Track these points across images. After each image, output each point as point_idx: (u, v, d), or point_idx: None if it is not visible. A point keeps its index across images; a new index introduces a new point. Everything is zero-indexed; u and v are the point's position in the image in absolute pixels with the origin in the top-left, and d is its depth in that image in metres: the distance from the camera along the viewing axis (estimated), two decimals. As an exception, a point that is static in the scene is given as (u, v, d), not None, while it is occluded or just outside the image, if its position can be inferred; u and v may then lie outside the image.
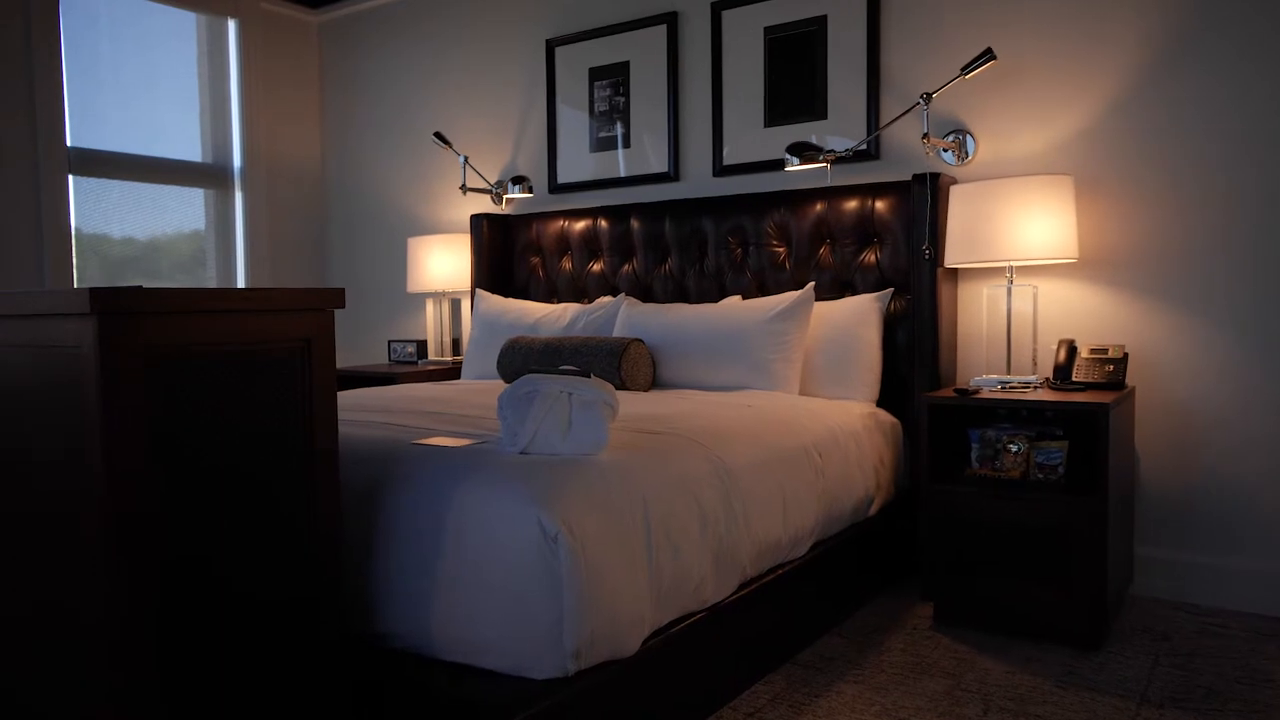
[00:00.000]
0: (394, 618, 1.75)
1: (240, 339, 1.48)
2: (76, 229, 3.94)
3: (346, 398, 2.80)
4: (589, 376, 1.93)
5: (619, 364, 2.96)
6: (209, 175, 4.46)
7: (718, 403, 2.65)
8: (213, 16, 4.43)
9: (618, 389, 2.96)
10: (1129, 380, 2.77)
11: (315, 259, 4.90)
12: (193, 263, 4.46)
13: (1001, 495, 2.50)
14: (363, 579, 1.78)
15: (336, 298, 1.62)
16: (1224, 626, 2.55)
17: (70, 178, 3.89)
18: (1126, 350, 2.70)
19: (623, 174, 3.82)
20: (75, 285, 3.92)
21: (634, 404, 2.57)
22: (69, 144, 3.87)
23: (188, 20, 4.39)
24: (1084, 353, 2.72)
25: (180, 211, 4.38)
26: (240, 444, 1.47)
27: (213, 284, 4.52)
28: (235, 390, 1.47)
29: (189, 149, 4.41)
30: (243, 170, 4.54)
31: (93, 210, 4.03)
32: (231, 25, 4.49)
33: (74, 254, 3.91)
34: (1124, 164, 2.81)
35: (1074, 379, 2.68)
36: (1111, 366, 2.66)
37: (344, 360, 4.84)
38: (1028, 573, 2.47)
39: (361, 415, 2.39)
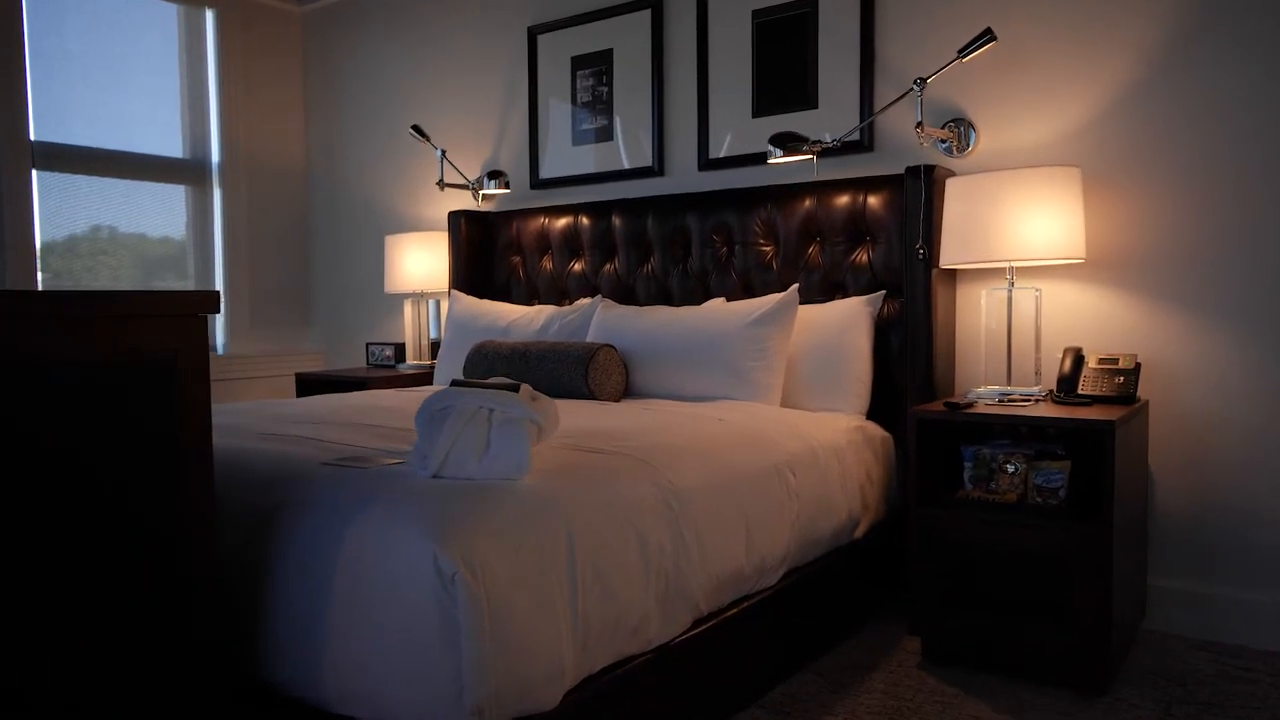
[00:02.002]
0: (285, 664, 1.55)
1: (88, 350, 1.29)
2: (42, 227, 3.79)
3: (278, 405, 2.61)
4: (518, 389, 1.72)
5: (586, 371, 2.75)
6: (187, 172, 4.31)
7: (686, 415, 2.43)
8: (190, 7, 4.28)
9: (585, 399, 2.75)
10: (1141, 393, 2.51)
11: (296, 258, 4.73)
12: (169, 263, 4.31)
13: (996, 520, 2.26)
14: (253, 619, 1.58)
15: (208, 302, 1.42)
16: (1248, 670, 2.29)
17: (34, 173, 3.75)
18: (1139, 360, 2.45)
19: (606, 169, 3.61)
20: (40, 287, 3.79)
21: (591, 417, 2.36)
22: (33, 138, 3.73)
23: (167, 11, 4.24)
24: (1092, 362, 2.46)
25: (158, 209, 4.23)
26: (85, 472, 1.28)
27: (191, 286, 4.37)
28: (82, 411, 1.28)
29: (169, 145, 4.27)
30: (221, 166, 4.38)
31: (60, 208, 3.88)
32: (209, 16, 4.34)
33: (38, 253, 3.77)
34: (1137, 155, 2.55)
35: (1080, 391, 2.43)
36: (1122, 378, 2.40)
37: (328, 364, 4.68)
38: (1025, 606, 2.22)
39: (288, 428, 2.20)
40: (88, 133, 3.95)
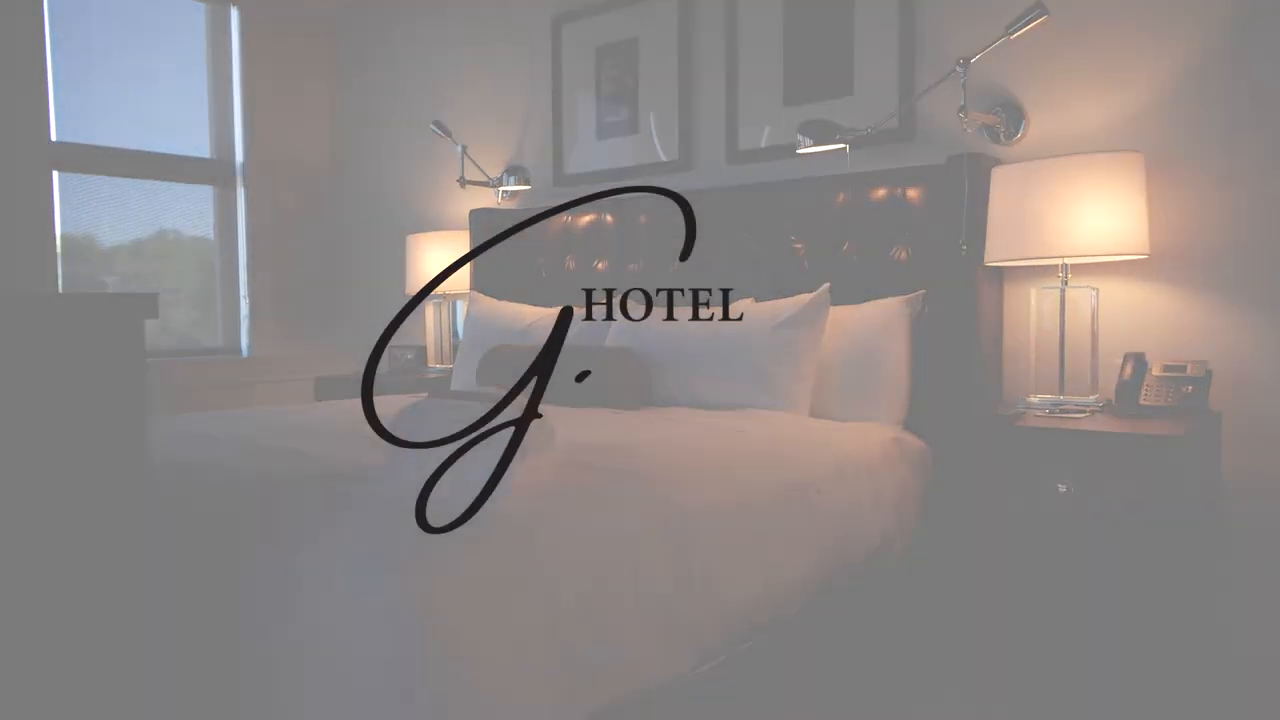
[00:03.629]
0: (235, 711, 1.40)
1: (28, 352, 1.16)
2: (63, 229, 3.75)
3: (271, 415, 2.49)
4: (507, 401, 1.56)
5: (602, 378, 2.58)
6: (212, 172, 4.25)
7: (703, 427, 2.25)
8: (215, 4, 4.21)
9: (602, 407, 2.58)
10: (1214, 404, 2.26)
11: (321, 259, 4.64)
12: (195, 263, 4.25)
13: (1049, 542, 2.04)
14: (207, 652, 1.44)
15: (145, 307, 1.28)
16: (1336, 717, 2.03)
17: (55, 174, 3.70)
18: (1210, 368, 2.20)
19: (631, 163, 3.44)
20: (60, 290, 3.74)
21: (600, 427, 2.19)
22: (53, 138, 3.69)
23: (196, 10, 4.18)
24: (1155, 370, 2.22)
25: (184, 210, 4.18)
26: (25, 475, 1.15)
27: (217, 286, 4.31)
28: (22, 412, 1.16)
29: (195, 145, 4.21)
30: (244, 166, 4.31)
31: (82, 209, 3.84)
32: (234, 13, 4.27)
33: (59, 256, 3.73)
34: (1207, 139, 2.30)
35: (1142, 402, 2.19)
36: (1190, 387, 2.16)
37: (358, 365, 4.58)
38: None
39: (277, 440, 2.06)
40: (112, 133, 3.90)
